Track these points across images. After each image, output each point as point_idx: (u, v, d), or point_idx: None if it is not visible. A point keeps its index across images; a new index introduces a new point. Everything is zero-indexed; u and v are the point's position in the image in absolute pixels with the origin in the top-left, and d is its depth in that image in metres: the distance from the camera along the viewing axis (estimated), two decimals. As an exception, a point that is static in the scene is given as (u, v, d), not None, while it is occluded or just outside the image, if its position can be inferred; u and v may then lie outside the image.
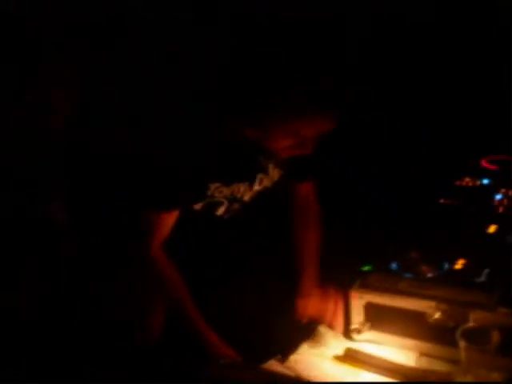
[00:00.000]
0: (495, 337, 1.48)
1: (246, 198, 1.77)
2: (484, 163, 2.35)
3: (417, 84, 2.43)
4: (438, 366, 1.59)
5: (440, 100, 2.50)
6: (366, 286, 1.70)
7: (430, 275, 1.69)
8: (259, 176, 1.77)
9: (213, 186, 1.69)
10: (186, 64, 1.89)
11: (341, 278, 1.87)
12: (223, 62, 1.64)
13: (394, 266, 1.75)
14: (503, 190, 2.14)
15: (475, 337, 1.49)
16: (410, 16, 2.43)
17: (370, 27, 2.39)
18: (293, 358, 1.68)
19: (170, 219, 1.68)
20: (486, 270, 1.67)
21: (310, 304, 1.87)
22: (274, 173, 1.80)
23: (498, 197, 2.12)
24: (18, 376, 1.72)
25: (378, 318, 1.69)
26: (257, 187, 1.78)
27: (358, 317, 1.71)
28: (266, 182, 1.79)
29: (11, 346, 1.85)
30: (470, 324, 1.52)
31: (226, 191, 1.72)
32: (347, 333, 1.74)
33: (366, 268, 1.91)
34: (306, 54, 1.50)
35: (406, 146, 2.23)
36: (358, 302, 1.70)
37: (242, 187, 1.75)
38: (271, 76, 1.50)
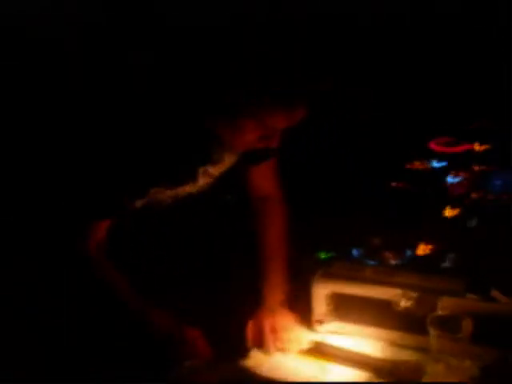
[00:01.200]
0: (467, 324, 1.43)
1: (194, 190, 1.66)
2: (433, 145, 2.32)
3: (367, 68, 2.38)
4: (407, 356, 1.54)
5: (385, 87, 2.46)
6: (329, 275, 1.63)
7: (393, 262, 1.64)
8: (203, 169, 1.65)
9: (153, 190, 1.58)
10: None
11: (299, 266, 1.80)
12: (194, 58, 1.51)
13: (355, 252, 1.69)
14: (455, 173, 2.12)
15: (446, 325, 1.44)
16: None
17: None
18: (255, 355, 1.60)
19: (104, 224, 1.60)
20: (451, 255, 1.63)
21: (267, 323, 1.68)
22: (230, 159, 1.68)
23: (451, 180, 2.09)
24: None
25: (341, 307, 1.63)
26: (202, 180, 1.66)
27: (321, 307, 1.64)
28: (215, 171, 1.67)
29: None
30: (440, 311, 1.48)
31: (170, 193, 1.61)
32: (311, 324, 1.66)
33: (325, 255, 1.85)
34: (280, 45, 1.41)
35: (359, 130, 2.17)
36: (322, 292, 1.62)
37: (188, 186, 1.64)
38: (243, 68, 1.40)
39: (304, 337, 1.63)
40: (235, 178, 1.74)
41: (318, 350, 1.58)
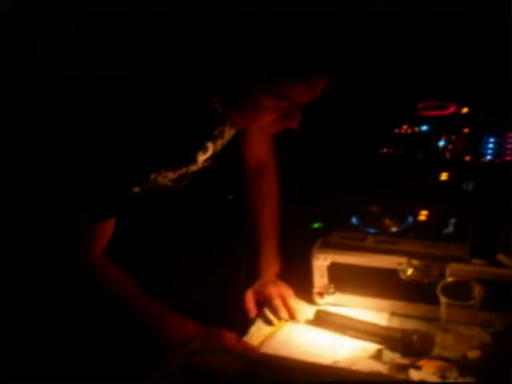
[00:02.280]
0: (478, 290, 1.39)
1: (194, 168, 1.54)
2: (419, 109, 2.26)
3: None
4: (414, 326, 1.49)
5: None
6: (329, 245, 1.56)
7: (394, 229, 1.58)
8: (203, 146, 1.51)
9: (154, 174, 1.43)
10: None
11: (295, 237, 1.73)
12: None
13: (354, 220, 1.62)
14: (445, 136, 2.06)
15: (456, 291, 1.39)
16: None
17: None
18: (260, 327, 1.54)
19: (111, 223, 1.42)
20: (452, 220, 1.58)
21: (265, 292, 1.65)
22: (230, 132, 1.56)
23: (441, 143, 2.03)
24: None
25: (343, 278, 1.57)
26: (202, 157, 1.52)
27: (321, 279, 1.58)
28: (216, 147, 1.55)
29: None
30: (449, 278, 1.42)
31: (172, 175, 1.48)
32: (310, 297, 1.60)
33: (317, 225, 1.79)
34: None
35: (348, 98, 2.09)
36: (321, 263, 1.56)
37: (189, 167, 1.51)
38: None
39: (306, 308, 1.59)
40: (231, 149, 1.65)
41: (326, 320, 1.53)
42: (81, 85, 1.39)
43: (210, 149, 1.51)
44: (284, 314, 1.57)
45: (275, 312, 1.59)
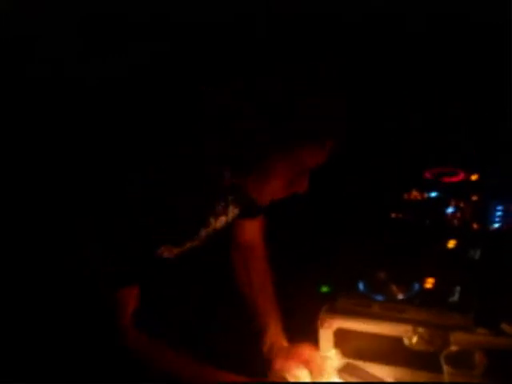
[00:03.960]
0: (481, 359, 1.41)
1: (196, 244, 1.58)
2: (429, 175, 2.30)
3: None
4: (418, 394, 1.50)
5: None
6: (335, 311, 1.59)
7: (401, 296, 1.60)
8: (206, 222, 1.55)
9: (161, 249, 1.47)
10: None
11: (302, 301, 1.76)
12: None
13: (361, 286, 1.65)
14: (454, 203, 2.10)
15: (459, 361, 1.41)
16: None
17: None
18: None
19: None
20: (457, 288, 1.60)
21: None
22: (234, 211, 1.60)
23: (450, 210, 2.07)
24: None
25: (349, 344, 1.59)
26: (204, 232, 1.56)
27: (327, 344, 1.60)
28: (217, 224, 1.58)
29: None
30: (453, 347, 1.44)
31: (176, 250, 1.52)
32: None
33: (325, 289, 1.82)
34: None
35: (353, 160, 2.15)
36: (328, 328, 1.59)
37: (192, 241, 1.55)
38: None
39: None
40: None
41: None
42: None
43: (213, 224, 1.55)
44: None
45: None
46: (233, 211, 1.60)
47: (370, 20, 2.38)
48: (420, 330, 1.49)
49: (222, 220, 1.59)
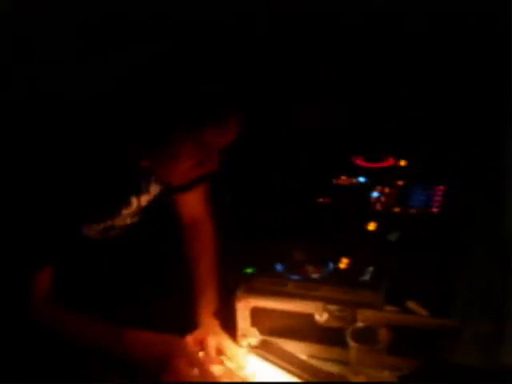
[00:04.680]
0: (384, 335, 1.47)
1: (120, 223, 1.61)
2: (358, 161, 2.37)
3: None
4: (328, 368, 1.57)
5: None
6: (252, 290, 1.65)
7: (315, 276, 1.66)
8: (128, 200, 1.57)
9: (84, 228, 1.50)
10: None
11: (224, 282, 1.81)
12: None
13: (279, 267, 1.70)
14: (379, 188, 2.17)
15: (364, 336, 1.48)
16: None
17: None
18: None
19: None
20: (370, 268, 1.67)
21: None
22: (155, 189, 1.63)
23: (375, 194, 2.14)
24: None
25: (265, 321, 1.65)
26: (126, 211, 1.58)
27: (244, 322, 1.65)
28: (141, 201, 1.61)
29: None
30: (359, 324, 1.51)
31: (96, 227, 1.54)
32: (235, 339, 1.67)
33: (249, 270, 1.86)
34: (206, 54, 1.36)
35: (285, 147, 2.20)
36: (244, 307, 1.64)
37: (115, 219, 1.57)
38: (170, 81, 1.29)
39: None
40: (163, 207, 1.73)
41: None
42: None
43: (134, 204, 1.58)
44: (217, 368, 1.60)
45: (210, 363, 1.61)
46: (155, 189, 1.63)
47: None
48: (330, 307, 1.55)
49: (146, 198, 1.62)
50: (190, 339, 1.67)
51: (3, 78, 1.60)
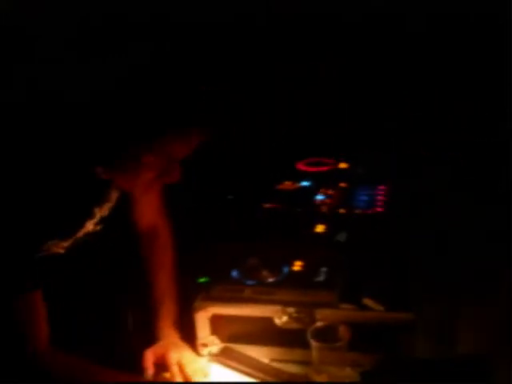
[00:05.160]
0: (344, 333, 1.50)
1: (81, 234, 1.58)
2: (301, 166, 2.41)
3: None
4: (290, 369, 1.59)
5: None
6: (210, 299, 1.66)
7: (271, 280, 1.69)
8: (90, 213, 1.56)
9: (47, 244, 1.46)
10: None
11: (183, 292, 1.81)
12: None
13: (234, 274, 1.72)
14: (323, 191, 2.21)
15: (325, 335, 1.51)
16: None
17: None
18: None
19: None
20: (323, 269, 1.70)
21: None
22: (115, 194, 1.61)
23: (319, 197, 2.18)
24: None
25: (225, 329, 1.66)
26: (90, 222, 1.57)
27: (204, 331, 1.66)
28: (103, 212, 1.59)
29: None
30: (318, 323, 1.54)
31: (65, 244, 1.52)
32: (195, 348, 1.67)
33: (203, 279, 1.87)
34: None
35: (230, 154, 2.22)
36: (203, 316, 1.65)
37: (79, 233, 1.55)
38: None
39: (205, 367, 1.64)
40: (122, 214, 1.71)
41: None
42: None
43: (98, 214, 1.57)
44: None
45: (172, 379, 1.61)
46: (115, 195, 1.60)
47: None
48: (288, 309, 1.58)
49: (107, 206, 1.60)
50: (149, 354, 1.66)
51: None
